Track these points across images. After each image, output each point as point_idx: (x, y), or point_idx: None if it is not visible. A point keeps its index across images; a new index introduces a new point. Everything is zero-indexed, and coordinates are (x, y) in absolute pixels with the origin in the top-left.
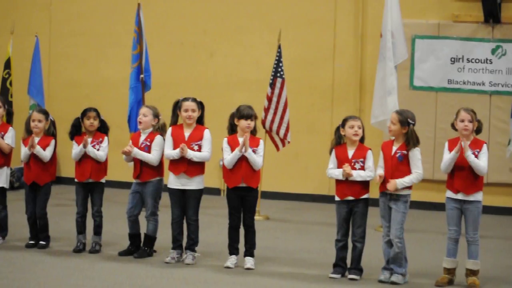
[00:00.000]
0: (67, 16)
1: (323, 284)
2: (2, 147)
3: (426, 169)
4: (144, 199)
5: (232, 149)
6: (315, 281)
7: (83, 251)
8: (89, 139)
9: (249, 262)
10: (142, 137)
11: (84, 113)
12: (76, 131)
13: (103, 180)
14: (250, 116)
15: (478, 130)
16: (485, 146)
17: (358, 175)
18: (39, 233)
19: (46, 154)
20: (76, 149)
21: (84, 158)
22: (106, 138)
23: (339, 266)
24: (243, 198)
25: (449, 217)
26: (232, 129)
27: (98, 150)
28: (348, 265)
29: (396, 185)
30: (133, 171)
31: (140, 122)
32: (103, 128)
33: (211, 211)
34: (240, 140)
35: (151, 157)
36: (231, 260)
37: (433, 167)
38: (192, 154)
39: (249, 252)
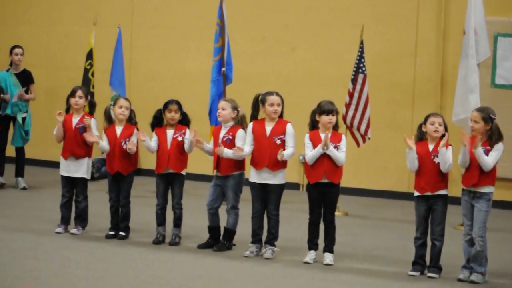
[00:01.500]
0: (149, 8)
1: (402, 282)
2: (87, 138)
3: (507, 167)
4: (225, 192)
5: (314, 145)
6: (394, 278)
7: (163, 243)
8: (145, 135)
9: (328, 257)
10: (223, 131)
11: (166, 105)
12: (157, 123)
13: (183, 172)
14: (332, 111)
15: None
16: None
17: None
18: (120, 223)
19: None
20: (148, 141)
21: (162, 149)
22: (188, 130)
23: (418, 263)
24: (324, 194)
25: None
26: (314, 125)
27: (181, 141)
28: (427, 263)
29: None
30: (214, 164)
31: (219, 115)
32: (185, 121)
33: (290, 206)
34: (322, 136)
35: (244, 154)
36: (310, 256)
37: None
38: (285, 155)
39: (329, 247)
